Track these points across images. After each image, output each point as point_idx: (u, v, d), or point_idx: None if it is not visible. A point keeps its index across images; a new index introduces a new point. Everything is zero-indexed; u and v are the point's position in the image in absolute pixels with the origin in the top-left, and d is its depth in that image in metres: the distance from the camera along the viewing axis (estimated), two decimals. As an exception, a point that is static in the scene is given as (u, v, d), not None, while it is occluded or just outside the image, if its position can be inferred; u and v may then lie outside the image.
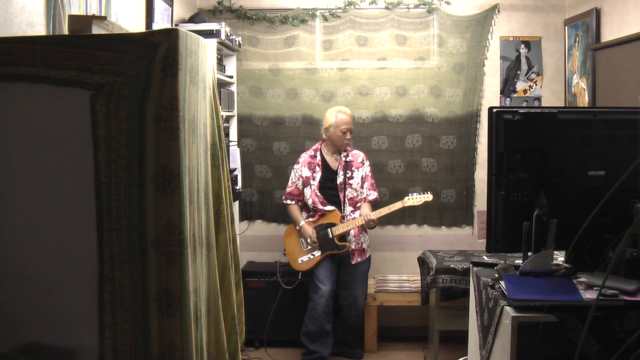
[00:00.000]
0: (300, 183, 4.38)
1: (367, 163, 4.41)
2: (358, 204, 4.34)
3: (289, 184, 4.45)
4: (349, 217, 4.29)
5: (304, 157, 4.41)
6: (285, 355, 4.55)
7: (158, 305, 2.06)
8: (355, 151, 4.44)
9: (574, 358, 1.69)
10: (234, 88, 4.70)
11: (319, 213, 4.32)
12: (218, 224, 2.57)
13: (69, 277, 2.13)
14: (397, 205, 4.26)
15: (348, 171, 4.34)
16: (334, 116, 4.30)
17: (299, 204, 4.43)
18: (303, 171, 4.37)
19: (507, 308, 2.22)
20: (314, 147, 4.45)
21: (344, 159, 4.36)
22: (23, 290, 2.16)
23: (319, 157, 4.39)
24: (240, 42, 4.59)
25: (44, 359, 2.17)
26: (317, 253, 4.30)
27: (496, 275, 2.48)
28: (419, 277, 4.38)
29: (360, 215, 4.26)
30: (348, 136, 4.29)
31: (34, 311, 2.15)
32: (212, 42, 2.95)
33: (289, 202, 4.43)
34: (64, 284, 2.14)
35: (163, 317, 2.06)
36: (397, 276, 4.86)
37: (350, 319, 4.43)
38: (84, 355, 2.13)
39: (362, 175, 4.36)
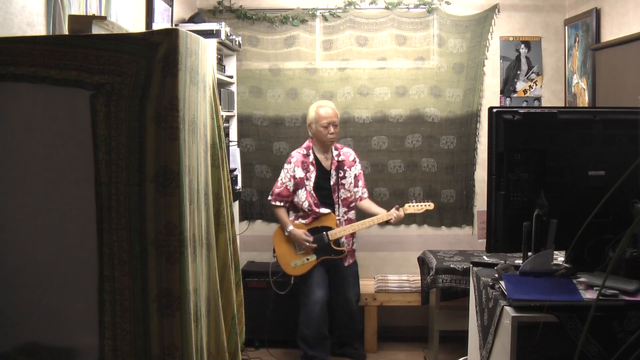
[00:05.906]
0: (291, 184, 4.17)
1: (357, 161, 4.30)
2: (352, 204, 4.25)
3: (278, 184, 4.23)
4: (342, 218, 4.20)
5: (296, 157, 4.20)
6: (285, 355, 4.55)
7: (158, 305, 2.06)
8: (345, 149, 4.30)
9: (574, 358, 1.69)
10: (234, 88, 4.70)
11: (313, 215, 4.18)
12: (218, 224, 2.57)
13: (69, 277, 2.13)
14: (401, 212, 4.10)
15: (340, 171, 4.19)
16: (314, 111, 4.14)
17: (287, 205, 4.26)
18: (296, 172, 4.16)
19: (507, 308, 2.22)
20: (305, 145, 4.26)
21: (336, 158, 4.20)
22: (23, 290, 2.15)
23: (312, 156, 4.20)
24: (240, 42, 4.59)
25: (43, 358, 2.17)
26: (312, 257, 4.14)
27: (496, 275, 2.48)
28: (419, 277, 4.37)
29: (387, 213, 4.09)
30: (331, 130, 4.10)
31: (34, 311, 2.15)
32: (212, 42, 2.95)
33: (277, 204, 4.22)
34: (64, 284, 2.14)
35: (163, 317, 2.06)
36: (397, 276, 4.85)
37: (345, 320, 4.36)
38: (84, 355, 2.13)
39: (355, 174, 4.25)
